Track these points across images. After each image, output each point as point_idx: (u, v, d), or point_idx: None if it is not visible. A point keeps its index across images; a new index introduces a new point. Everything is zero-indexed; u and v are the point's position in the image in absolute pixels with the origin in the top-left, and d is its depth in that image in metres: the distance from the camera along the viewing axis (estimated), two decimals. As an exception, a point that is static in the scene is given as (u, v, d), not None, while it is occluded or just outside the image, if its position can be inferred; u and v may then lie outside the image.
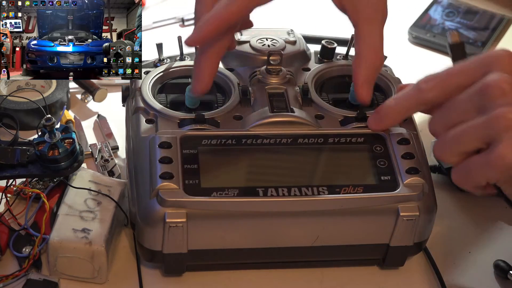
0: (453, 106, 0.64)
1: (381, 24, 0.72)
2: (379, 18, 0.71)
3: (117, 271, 0.72)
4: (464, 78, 0.65)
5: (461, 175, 0.64)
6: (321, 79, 0.79)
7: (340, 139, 0.72)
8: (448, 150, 0.64)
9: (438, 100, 0.66)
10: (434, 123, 0.66)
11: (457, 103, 0.64)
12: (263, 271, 0.73)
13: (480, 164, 0.62)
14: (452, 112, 0.64)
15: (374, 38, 0.71)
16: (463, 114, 0.63)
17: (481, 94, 0.62)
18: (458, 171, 0.64)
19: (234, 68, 0.78)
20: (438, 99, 0.66)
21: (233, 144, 0.70)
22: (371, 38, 0.71)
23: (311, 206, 0.67)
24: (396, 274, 0.74)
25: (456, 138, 0.63)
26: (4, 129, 0.79)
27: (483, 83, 0.62)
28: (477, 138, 0.62)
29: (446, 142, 0.64)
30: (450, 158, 0.65)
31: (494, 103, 0.61)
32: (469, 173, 0.63)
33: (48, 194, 0.75)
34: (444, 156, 0.65)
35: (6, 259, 0.71)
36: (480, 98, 0.62)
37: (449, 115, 0.64)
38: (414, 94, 0.68)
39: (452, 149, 0.64)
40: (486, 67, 0.63)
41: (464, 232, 0.79)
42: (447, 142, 0.64)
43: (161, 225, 0.66)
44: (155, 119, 0.72)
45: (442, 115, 0.65)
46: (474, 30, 1.06)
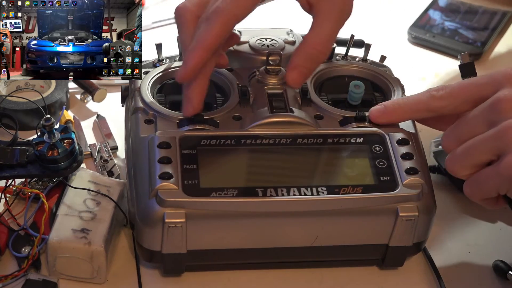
0: (464, 121, 0.66)
1: (336, 21, 0.72)
2: (335, 14, 0.71)
3: (116, 271, 0.72)
4: (474, 92, 0.67)
5: (472, 187, 0.66)
6: (320, 79, 0.79)
7: (340, 139, 0.72)
8: (459, 163, 0.66)
9: (445, 111, 0.68)
10: (447, 138, 0.67)
11: (468, 119, 0.66)
12: (262, 271, 0.73)
13: (490, 175, 0.64)
14: (464, 127, 0.66)
15: (322, 30, 0.71)
16: (474, 129, 0.65)
17: (492, 109, 0.64)
18: (470, 184, 0.66)
19: (233, 68, 0.78)
20: (446, 109, 0.68)
21: (232, 144, 0.70)
22: (319, 29, 0.71)
23: (310, 206, 0.67)
24: (395, 274, 0.74)
25: (467, 151, 0.65)
26: (4, 129, 0.79)
27: (494, 98, 0.64)
28: (487, 150, 0.64)
29: (458, 156, 0.66)
30: (462, 171, 0.66)
31: (503, 116, 0.63)
32: (480, 185, 0.65)
33: (47, 194, 0.75)
34: (456, 169, 0.66)
35: (5, 259, 0.71)
36: (491, 112, 0.64)
37: (461, 130, 0.66)
38: (425, 99, 0.69)
39: (464, 162, 0.65)
40: (497, 84, 0.66)
41: (463, 232, 0.79)
42: (458, 156, 0.66)
43: (160, 225, 0.66)
44: (154, 119, 0.72)
45: (455, 130, 0.67)
46: (474, 30, 1.06)
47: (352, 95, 0.76)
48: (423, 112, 0.70)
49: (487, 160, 0.65)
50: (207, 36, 0.67)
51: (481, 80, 0.68)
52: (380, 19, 1.09)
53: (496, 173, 0.63)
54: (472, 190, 0.66)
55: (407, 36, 1.06)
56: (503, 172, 0.62)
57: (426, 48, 1.05)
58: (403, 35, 1.06)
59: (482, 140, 0.64)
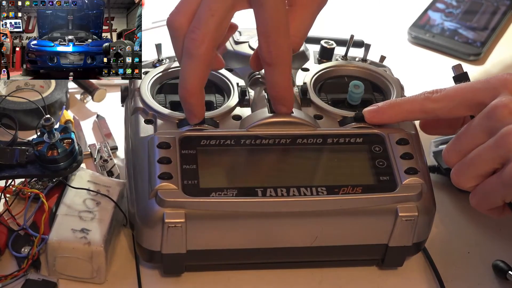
0: (464, 133, 0.66)
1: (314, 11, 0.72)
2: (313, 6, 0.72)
3: (116, 271, 0.72)
4: (470, 96, 0.66)
5: (478, 198, 0.66)
6: (320, 80, 0.79)
7: (339, 140, 0.72)
8: (464, 175, 0.66)
9: (440, 113, 0.68)
10: (448, 152, 0.67)
11: (467, 130, 0.66)
12: (262, 271, 0.73)
13: (494, 184, 0.63)
14: (464, 139, 0.66)
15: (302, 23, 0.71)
16: (474, 140, 0.65)
17: (490, 117, 0.64)
18: (475, 195, 0.66)
19: (233, 68, 0.78)
20: (441, 111, 0.68)
21: (232, 144, 0.70)
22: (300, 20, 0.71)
23: (310, 207, 0.67)
24: (395, 275, 0.74)
25: (470, 162, 0.65)
26: (3, 129, 0.79)
27: (491, 106, 0.64)
28: (490, 160, 0.63)
29: (462, 168, 0.66)
30: (468, 183, 0.66)
31: (502, 123, 0.63)
32: (485, 194, 0.65)
33: (47, 194, 0.75)
34: (462, 182, 0.66)
35: (5, 259, 0.71)
36: (489, 120, 0.64)
37: (461, 142, 0.66)
38: (419, 100, 0.69)
39: (468, 173, 0.65)
40: (493, 90, 0.65)
41: (463, 232, 0.79)
42: (462, 168, 0.66)
43: (160, 225, 0.66)
44: (154, 120, 0.72)
45: (455, 143, 0.66)
46: (474, 30, 1.06)
47: (352, 95, 0.76)
48: (417, 113, 0.70)
49: (491, 169, 0.64)
50: (192, 80, 0.67)
51: (477, 84, 0.67)
52: (380, 19, 1.09)
53: (500, 182, 0.63)
54: (478, 200, 0.66)
55: (407, 36, 1.06)
56: (506, 180, 0.62)
57: (426, 48, 1.05)
58: (403, 35, 1.06)
59: (484, 150, 0.64)
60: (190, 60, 0.66)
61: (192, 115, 0.69)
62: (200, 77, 0.67)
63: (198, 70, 0.66)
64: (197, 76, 0.67)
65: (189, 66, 0.66)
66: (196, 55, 0.66)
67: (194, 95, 0.68)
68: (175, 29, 0.67)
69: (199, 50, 0.66)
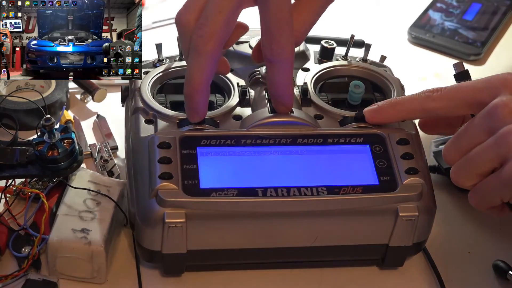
0: (464, 132, 0.66)
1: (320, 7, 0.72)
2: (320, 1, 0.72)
3: (116, 271, 0.72)
4: (470, 95, 0.66)
5: (477, 196, 0.66)
6: (320, 79, 0.79)
7: (340, 139, 0.72)
8: (463, 174, 0.66)
9: (440, 112, 0.68)
10: (448, 151, 0.67)
11: (467, 129, 0.66)
12: (262, 271, 0.73)
13: (493, 183, 0.63)
14: (464, 138, 0.66)
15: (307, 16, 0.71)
16: (474, 139, 0.65)
17: (490, 116, 0.63)
18: (474, 193, 0.66)
19: (233, 68, 0.78)
20: (441, 110, 0.68)
21: (232, 144, 0.70)
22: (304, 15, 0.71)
23: (310, 207, 0.67)
24: (395, 275, 0.74)
25: (470, 161, 0.65)
26: (4, 129, 0.79)
27: (491, 105, 0.64)
28: (489, 158, 0.63)
29: (461, 167, 0.66)
30: (467, 182, 0.66)
31: (502, 122, 0.62)
32: (484, 193, 0.65)
33: (48, 194, 0.75)
34: (461, 180, 0.66)
35: (5, 259, 0.71)
36: (489, 120, 0.63)
37: (461, 141, 0.66)
38: (420, 99, 0.69)
39: (467, 172, 0.65)
40: (494, 89, 0.65)
41: (463, 232, 0.79)
42: (461, 167, 0.66)
43: (160, 225, 0.66)
44: (154, 119, 0.72)
45: (455, 142, 0.66)
46: (474, 30, 1.06)
47: (352, 95, 0.76)
48: (418, 112, 0.70)
49: (491, 168, 0.64)
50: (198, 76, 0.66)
51: (477, 83, 0.67)
52: (380, 19, 1.09)
53: (498, 181, 0.63)
54: (476, 199, 0.66)
55: (407, 36, 1.06)
56: (505, 180, 0.62)
57: (426, 48, 1.05)
58: (403, 35, 1.06)
59: (483, 149, 0.64)
60: (197, 57, 0.66)
61: (194, 113, 0.69)
62: (207, 74, 0.67)
63: (205, 67, 0.66)
64: (203, 73, 0.66)
65: (196, 62, 0.66)
66: (203, 51, 0.66)
67: (200, 92, 0.67)
68: (182, 26, 0.67)
69: (206, 46, 0.65)
